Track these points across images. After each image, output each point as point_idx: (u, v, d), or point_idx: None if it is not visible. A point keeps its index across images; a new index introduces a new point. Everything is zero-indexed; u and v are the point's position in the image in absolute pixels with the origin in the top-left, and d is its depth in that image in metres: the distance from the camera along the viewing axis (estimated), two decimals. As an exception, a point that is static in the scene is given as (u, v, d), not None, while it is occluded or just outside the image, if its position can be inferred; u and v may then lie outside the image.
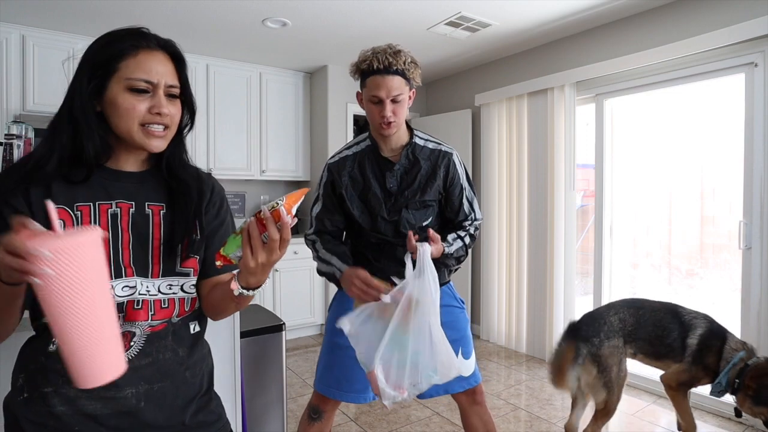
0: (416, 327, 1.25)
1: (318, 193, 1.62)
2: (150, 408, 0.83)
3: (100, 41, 0.82)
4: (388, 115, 1.42)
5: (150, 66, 0.81)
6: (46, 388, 0.77)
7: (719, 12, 2.59)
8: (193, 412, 0.90)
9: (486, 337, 4.03)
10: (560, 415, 2.66)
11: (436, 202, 1.57)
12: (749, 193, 2.55)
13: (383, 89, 1.41)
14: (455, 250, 1.54)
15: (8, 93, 3.11)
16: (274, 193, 4.56)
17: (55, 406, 0.77)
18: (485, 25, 3.20)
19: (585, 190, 3.78)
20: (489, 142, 3.97)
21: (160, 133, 0.83)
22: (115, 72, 0.79)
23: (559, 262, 3.43)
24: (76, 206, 0.80)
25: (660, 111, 3.24)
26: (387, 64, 1.39)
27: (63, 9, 2.92)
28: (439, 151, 1.56)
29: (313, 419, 1.62)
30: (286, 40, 3.52)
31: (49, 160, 0.78)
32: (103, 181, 0.83)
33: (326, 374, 1.59)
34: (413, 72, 1.45)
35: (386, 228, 1.52)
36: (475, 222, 1.62)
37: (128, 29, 0.83)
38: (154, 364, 0.84)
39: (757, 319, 2.50)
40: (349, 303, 1.58)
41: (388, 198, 1.52)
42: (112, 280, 0.79)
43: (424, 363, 1.25)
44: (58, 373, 0.76)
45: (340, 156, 1.58)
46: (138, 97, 0.80)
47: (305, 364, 3.50)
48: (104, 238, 0.76)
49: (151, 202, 0.87)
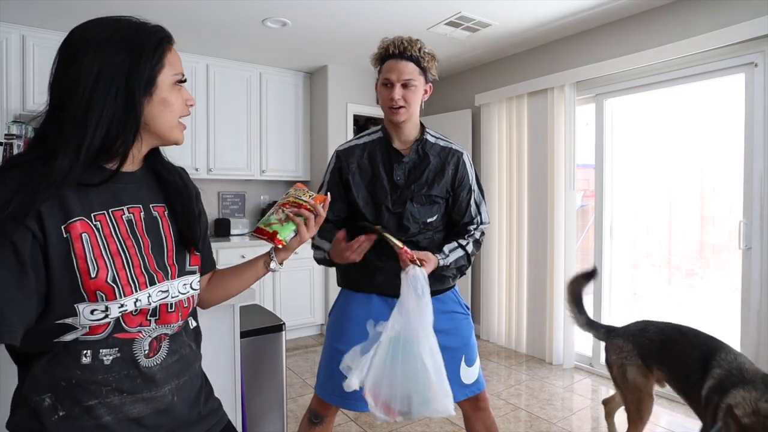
0: (405, 362, 1.24)
1: (323, 180, 1.61)
2: (179, 402, 0.86)
3: (123, 40, 0.75)
4: (396, 98, 1.44)
5: (178, 57, 0.83)
6: (89, 402, 0.74)
7: (719, 12, 2.59)
8: (204, 401, 0.94)
9: (486, 337, 4.03)
10: (560, 415, 2.66)
11: (443, 200, 1.56)
12: (749, 193, 2.55)
13: (394, 72, 1.44)
14: (454, 261, 1.52)
15: (8, 93, 3.11)
16: (274, 193, 4.56)
17: (102, 416, 0.76)
18: (485, 25, 3.20)
19: (585, 190, 3.77)
20: (489, 142, 3.97)
21: (185, 126, 0.86)
22: (163, 67, 0.78)
23: (559, 262, 3.43)
24: (93, 216, 0.75)
25: (660, 111, 3.24)
26: (402, 49, 1.44)
27: (63, 9, 2.92)
28: (450, 149, 1.56)
29: (314, 423, 1.61)
30: (286, 40, 3.52)
31: (74, 168, 0.70)
32: (109, 184, 0.78)
33: (329, 381, 1.57)
34: (429, 62, 1.47)
35: (389, 220, 1.51)
36: (481, 226, 1.60)
37: (133, 22, 0.78)
38: (180, 360, 0.87)
39: (757, 319, 2.50)
40: (352, 308, 1.58)
41: (395, 190, 1.52)
42: (148, 288, 0.78)
43: (417, 394, 1.24)
44: (100, 384, 0.75)
45: (350, 144, 1.59)
46: (181, 91, 0.82)
47: (305, 364, 3.50)
48: (131, 247, 0.78)
49: (154, 203, 0.86)
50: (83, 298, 0.71)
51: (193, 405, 0.89)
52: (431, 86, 1.53)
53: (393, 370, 1.23)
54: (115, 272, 0.74)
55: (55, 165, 0.69)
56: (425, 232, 1.54)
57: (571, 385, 3.11)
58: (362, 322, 1.53)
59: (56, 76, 0.74)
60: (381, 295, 1.54)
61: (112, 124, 0.73)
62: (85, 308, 0.71)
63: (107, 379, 0.75)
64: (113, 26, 0.76)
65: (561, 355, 3.44)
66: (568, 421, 2.60)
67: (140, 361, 0.79)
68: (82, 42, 0.73)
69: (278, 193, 4.59)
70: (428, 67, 1.47)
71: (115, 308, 0.73)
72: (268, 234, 0.98)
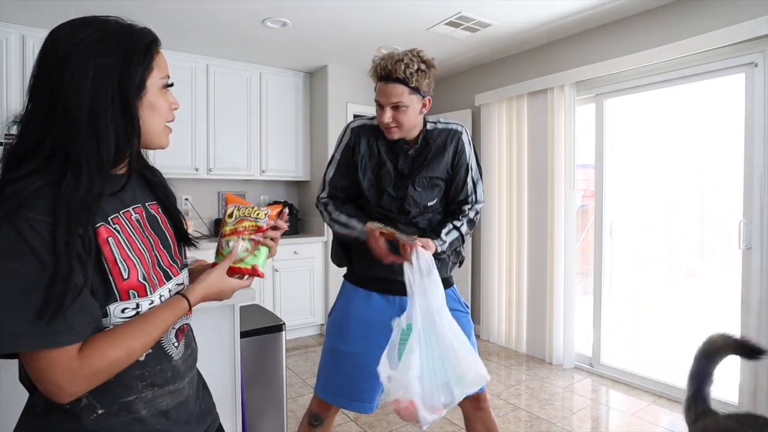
0: (431, 350, 1.24)
1: (334, 155, 1.62)
2: (192, 395, 0.89)
3: (116, 43, 0.73)
4: (386, 121, 1.44)
5: (165, 60, 0.81)
6: (127, 397, 0.76)
7: (719, 12, 2.59)
8: (202, 397, 0.96)
9: (486, 337, 4.03)
10: (560, 415, 2.66)
11: (443, 181, 1.58)
12: (749, 193, 2.55)
13: (383, 95, 1.44)
14: (449, 244, 1.54)
15: (8, 93, 3.11)
16: (274, 193, 4.56)
17: (140, 410, 0.78)
18: (485, 25, 3.20)
19: (585, 190, 3.78)
20: (489, 142, 3.97)
21: (171, 130, 0.84)
22: (152, 71, 0.77)
23: (559, 262, 3.43)
24: (111, 220, 0.75)
25: (660, 111, 3.24)
26: (386, 72, 1.41)
27: (63, 9, 2.92)
28: (449, 130, 1.58)
29: (314, 426, 1.61)
30: (286, 40, 3.52)
31: (97, 185, 0.70)
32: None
33: (329, 382, 1.57)
34: (419, 80, 1.43)
35: (391, 204, 1.54)
36: (475, 205, 1.62)
37: (122, 24, 0.76)
38: (192, 353, 0.92)
39: (757, 319, 2.49)
40: (352, 308, 1.58)
41: (399, 177, 1.54)
42: (167, 284, 0.81)
43: (453, 376, 1.24)
44: (137, 379, 0.77)
45: (363, 122, 1.59)
46: (167, 96, 0.80)
47: (305, 364, 3.50)
48: (147, 246, 0.79)
49: (149, 202, 0.87)
50: (116, 298, 0.73)
51: (196, 398, 0.92)
52: (430, 99, 1.50)
53: (430, 366, 1.24)
54: (143, 271, 0.76)
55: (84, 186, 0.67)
56: (425, 214, 1.57)
57: (571, 385, 3.12)
58: (362, 321, 1.54)
59: (42, 79, 0.70)
60: (381, 293, 1.55)
61: (119, 130, 0.72)
62: (116, 308, 0.73)
63: (143, 374, 0.78)
64: (103, 28, 0.73)
65: (561, 355, 3.44)
66: (568, 421, 2.60)
67: (171, 354, 0.83)
68: (73, 44, 0.70)
69: (278, 193, 4.59)
70: (418, 85, 1.43)
71: (145, 305, 0.76)
72: (248, 270, 0.90)
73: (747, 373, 2.53)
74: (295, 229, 4.29)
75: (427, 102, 1.49)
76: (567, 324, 3.41)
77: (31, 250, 0.62)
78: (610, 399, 2.92)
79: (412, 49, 1.46)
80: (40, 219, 0.63)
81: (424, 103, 1.49)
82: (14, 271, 0.62)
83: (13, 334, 0.61)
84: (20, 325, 0.62)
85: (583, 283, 3.72)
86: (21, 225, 0.63)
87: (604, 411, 2.78)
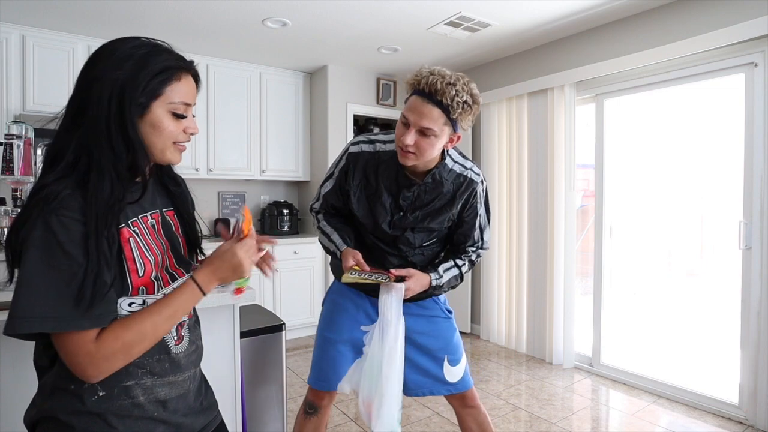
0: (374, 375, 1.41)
1: (332, 172, 1.53)
2: (192, 390, 0.94)
3: (134, 61, 0.78)
4: (406, 142, 1.25)
5: (188, 89, 0.85)
6: (127, 382, 0.83)
7: (719, 12, 2.59)
8: (204, 394, 1.00)
9: (486, 337, 4.03)
10: (560, 415, 2.66)
11: (446, 228, 1.52)
12: (749, 193, 2.55)
13: (414, 113, 1.25)
14: (447, 281, 1.51)
15: (8, 93, 3.11)
16: (274, 193, 4.56)
17: (138, 396, 0.84)
18: (485, 25, 3.20)
19: (585, 190, 3.78)
20: (489, 142, 3.97)
21: (184, 148, 0.89)
22: (160, 96, 0.80)
23: (559, 262, 3.43)
24: (131, 222, 0.83)
25: (660, 111, 3.24)
26: (431, 90, 1.23)
27: (63, 9, 2.92)
28: (465, 177, 1.44)
29: (309, 414, 1.63)
30: (286, 40, 3.52)
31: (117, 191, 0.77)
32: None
33: (315, 367, 1.60)
34: (461, 114, 1.26)
35: (385, 236, 1.50)
36: (480, 250, 1.58)
37: (156, 46, 0.82)
38: (197, 351, 0.97)
39: (757, 319, 2.50)
40: (344, 300, 1.60)
41: (397, 211, 1.44)
42: (173, 285, 0.87)
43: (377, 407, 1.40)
44: (137, 366, 0.83)
45: (362, 149, 1.45)
46: (179, 121, 0.84)
47: (305, 364, 3.50)
48: (160, 249, 0.87)
49: (165, 208, 0.94)
50: (128, 293, 0.80)
51: (197, 395, 0.96)
52: (459, 137, 1.33)
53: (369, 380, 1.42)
54: (155, 270, 0.84)
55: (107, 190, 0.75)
56: (419, 249, 1.53)
57: (571, 385, 3.12)
58: (352, 313, 1.58)
59: (76, 84, 0.79)
60: (369, 295, 1.57)
61: (124, 140, 0.78)
62: (124, 301, 0.80)
63: (143, 362, 0.84)
64: (136, 45, 0.80)
65: (561, 355, 3.44)
66: (568, 421, 2.60)
67: (171, 347, 0.89)
68: (105, 55, 0.79)
69: (278, 193, 4.59)
70: (459, 118, 1.26)
71: (150, 301, 0.82)
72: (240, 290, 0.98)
73: (747, 373, 2.53)
74: (295, 229, 4.30)
75: (455, 138, 1.33)
76: (567, 324, 3.41)
77: (66, 246, 0.71)
78: (610, 399, 2.92)
79: (464, 76, 1.29)
80: (76, 218, 0.72)
81: (452, 139, 1.32)
82: (53, 264, 0.70)
83: (41, 317, 0.69)
84: (49, 311, 0.70)
85: (583, 283, 3.72)
86: (61, 222, 0.71)
87: (604, 411, 2.78)
